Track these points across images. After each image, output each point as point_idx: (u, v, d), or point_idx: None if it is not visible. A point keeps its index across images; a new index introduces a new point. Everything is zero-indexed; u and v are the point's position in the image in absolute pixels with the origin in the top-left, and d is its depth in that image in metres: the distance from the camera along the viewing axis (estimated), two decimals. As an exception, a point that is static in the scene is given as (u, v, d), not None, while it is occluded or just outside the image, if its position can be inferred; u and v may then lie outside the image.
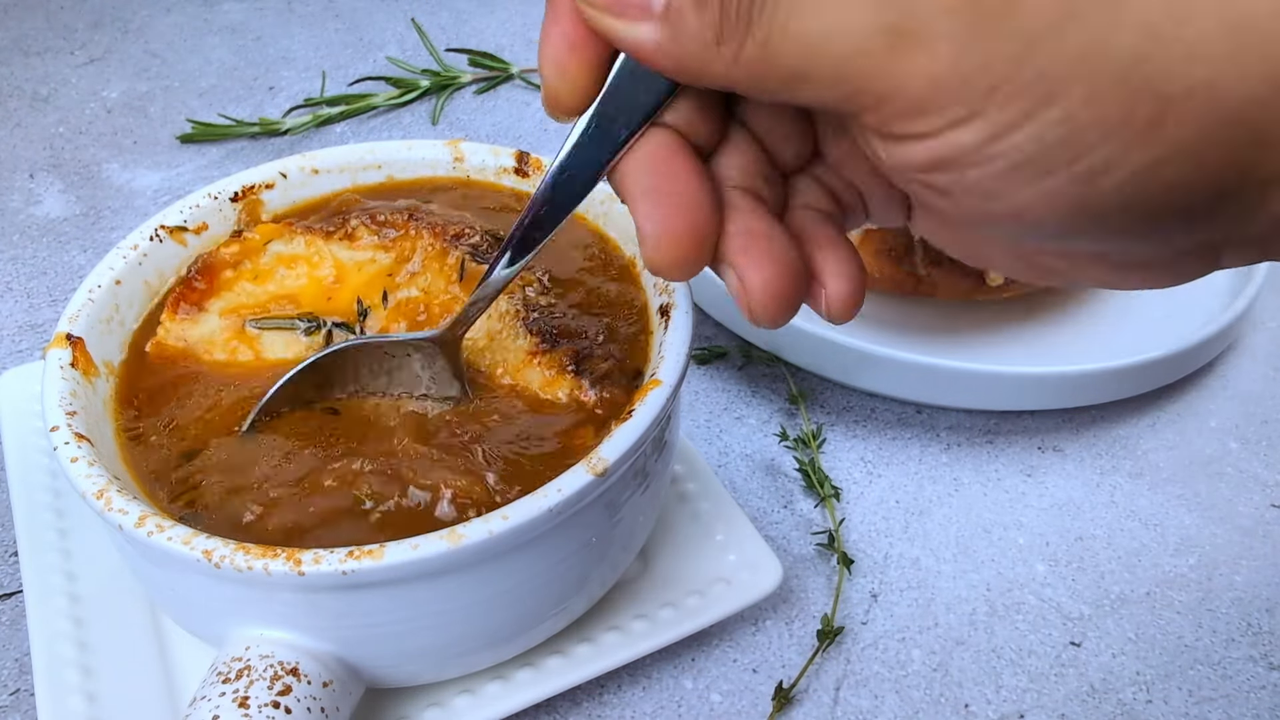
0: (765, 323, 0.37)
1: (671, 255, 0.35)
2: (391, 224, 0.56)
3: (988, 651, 0.58)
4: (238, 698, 0.42)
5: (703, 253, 0.36)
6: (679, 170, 0.36)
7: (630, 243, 0.58)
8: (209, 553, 0.42)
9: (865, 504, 0.65)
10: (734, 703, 0.55)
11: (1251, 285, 0.74)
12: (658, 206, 0.35)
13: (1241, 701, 0.56)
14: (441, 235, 0.55)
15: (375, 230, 0.56)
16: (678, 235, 0.35)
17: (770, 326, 0.37)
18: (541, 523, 0.44)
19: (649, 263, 0.36)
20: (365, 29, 1.11)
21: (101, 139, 0.95)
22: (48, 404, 0.48)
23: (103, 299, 0.54)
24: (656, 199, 0.35)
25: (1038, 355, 0.71)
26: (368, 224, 0.56)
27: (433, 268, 0.55)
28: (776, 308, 0.36)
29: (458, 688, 0.51)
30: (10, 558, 0.61)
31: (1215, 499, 0.66)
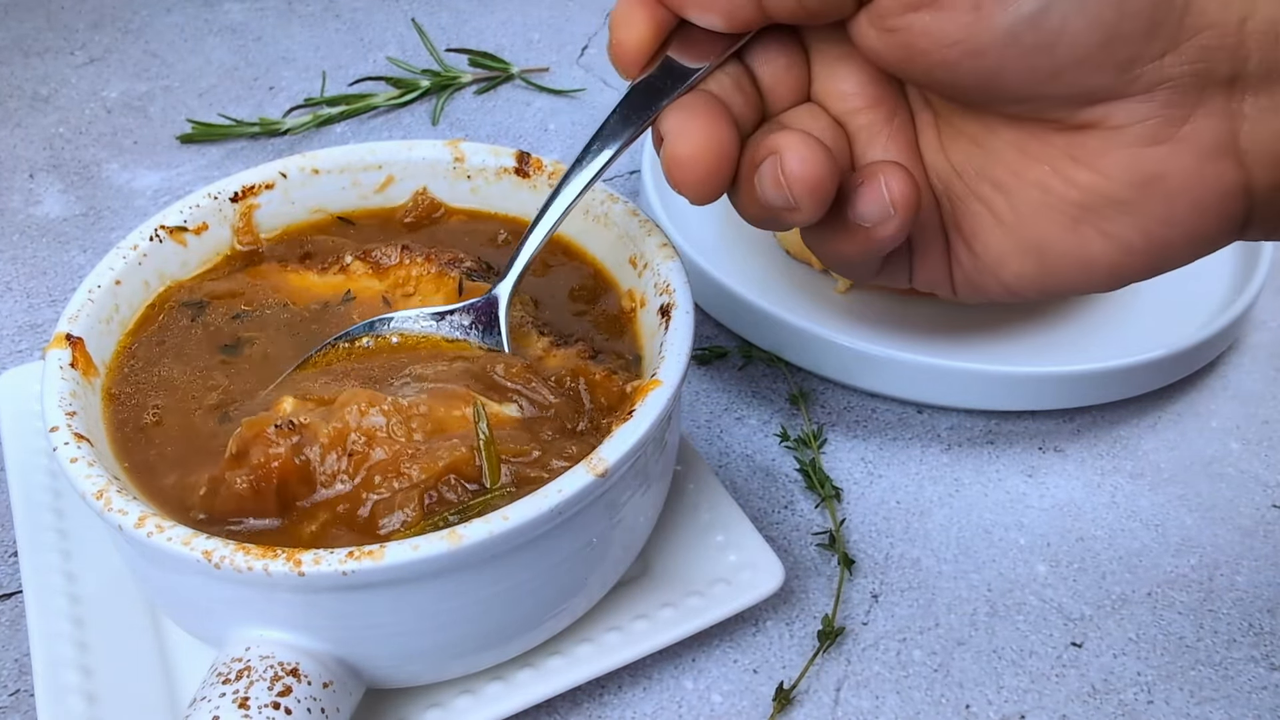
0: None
1: (694, 174, 0.42)
2: (385, 255, 0.57)
3: (989, 652, 0.58)
4: (238, 698, 0.42)
5: (722, 176, 0.43)
6: (709, 113, 0.42)
7: (618, 248, 0.58)
8: (209, 553, 0.42)
9: (866, 504, 0.65)
10: (734, 703, 0.55)
11: (1252, 285, 0.74)
12: (685, 136, 0.42)
13: (1243, 702, 0.56)
14: (436, 260, 0.57)
15: (369, 265, 0.57)
16: (700, 158, 0.42)
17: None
18: (542, 523, 0.44)
19: (675, 183, 0.43)
20: (365, 29, 1.11)
21: (101, 139, 0.95)
22: (47, 404, 0.48)
23: (103, 299, 0.54)
24: (685, 131, 0.42)
25: (1038, 355, 0.71)
26: (362, 259, 0.58)
27: (428, 288, 0.56)
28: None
29: (458, 688, 0.51)
30: (10, 558, 0.61)
31: (1216, 499, 0.66)
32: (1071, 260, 0.43)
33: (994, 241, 0.44)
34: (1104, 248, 0.42)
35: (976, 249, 0.45)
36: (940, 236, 0.46)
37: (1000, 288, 0.45)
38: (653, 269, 0.55)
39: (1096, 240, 0.42)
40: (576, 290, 0.59)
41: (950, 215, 0.45)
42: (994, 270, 0.45)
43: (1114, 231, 0.42)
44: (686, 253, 0.73)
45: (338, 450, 0.47)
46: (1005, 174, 0.43)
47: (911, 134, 0.46)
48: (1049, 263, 0.43)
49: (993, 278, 0.45)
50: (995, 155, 0.43)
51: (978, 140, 0.44)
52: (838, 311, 0.74)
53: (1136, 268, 0.43)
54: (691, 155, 0.42)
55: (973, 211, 0.45)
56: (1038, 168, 0.42)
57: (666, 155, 0.43)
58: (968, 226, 0.45)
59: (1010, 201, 0.43)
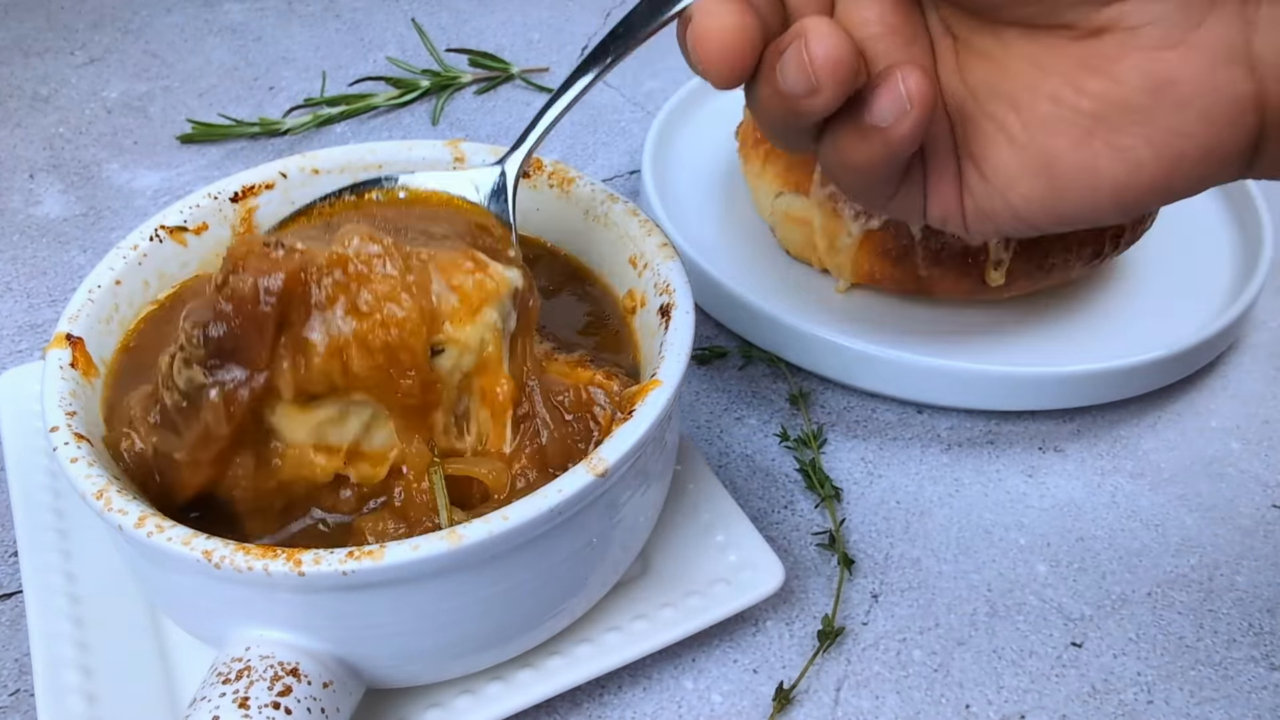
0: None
1: (719, 51, 0.43)
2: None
3: (989, 652, 0.58)
4: (238, 698, 0.42)
5: (745, 58, 0.43)
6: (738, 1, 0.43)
7: (618, 248, 0.58)
8: (209, 553, 0.42)
9: (866, 504, 0.65)
10: (734, 703, 0.55)
11: (1252, 285, 0.74)
12: (713, 14, 0.43)
13: (1243, 702, 0.56)
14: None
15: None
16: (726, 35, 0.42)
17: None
18: (542, 523, 0.44)
19: (698, 60, 0.44)
20: (365, 29, 1.11)
21: (101, 139, 0.95)
22: (47, 404, 0.48)
23: (103, 299, 0.54)
24: (714, 10, 0.43)
25: (1038, 355, 0.71)
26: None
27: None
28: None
29: (458, 688, 0.51)
30: (10, 558, 0.61)
31: (1217, 499, 0.66)
32: (1080, 178, 0.43)
33: (1004, 162, 0.45)
34: (1112, 163, 0.42)
35: (987, 171, 0.45)
36: (953, 161, 0.47)
37: (1009, 214, 0.46)
38: (653, 269, 0.56)
39: (1105, 155, 0.42)
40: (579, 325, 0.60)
41: (963, 138, 0.46)
42: (1003, 193, 0.45)
43: (1124, 144, 0.42)
44: (686, 253, 0.73)
45: (336, 274, 0.45)
46: (1019, 89, 0.44)
47: (929, 61, 0.46)
48: (1058, 181, 0.44)
49: (1002, 201, 0.46)
50: (1010, 72, 0.44)
51: (993, 58, 0.45)
52: (838, 311, 0.74)
53: (1144, 188, 0.43)
54: (718, 31, 0.43)
55: (985, 132, 0.45)
56: (1051, 80, 0.43)
57: (693, 32, 0.43)
58: (979, 148, 0.46)
59: (1022, 118, 0.44)
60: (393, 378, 0.46)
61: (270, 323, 0.44)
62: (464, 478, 0.49)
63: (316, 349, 0.45)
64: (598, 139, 0.96)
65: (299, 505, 0.49)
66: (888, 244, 0.69)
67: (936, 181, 0.47)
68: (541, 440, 0.50)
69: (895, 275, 0.71)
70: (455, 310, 0.47)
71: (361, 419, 0.48)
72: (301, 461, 0.48)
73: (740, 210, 0.82)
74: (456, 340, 0.47)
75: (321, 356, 0.45)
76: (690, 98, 0.89)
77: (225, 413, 0.45)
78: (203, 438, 0.46)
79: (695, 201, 0.83)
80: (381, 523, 0.48)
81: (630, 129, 0.97)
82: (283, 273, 0.44)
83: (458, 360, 0.47)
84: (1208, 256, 0.79)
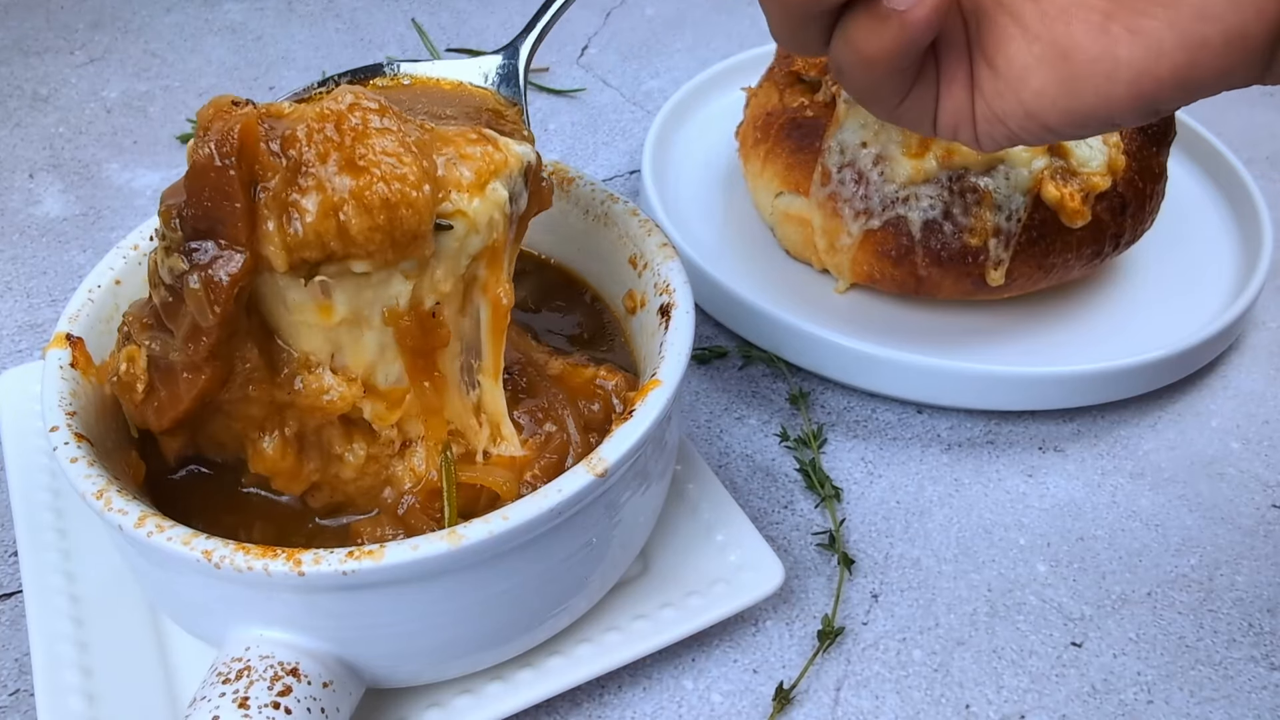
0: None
1: None
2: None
3: (989, 652, 0.58)
4: (238, 698, 0.42)
5: None
6: None
7: (618, 248, 0.58)
8: (209, 553, 0.42)
9: (866, 504, 0.65)
10: (734, 703, 0.55)
11: (1252, 285, 0.74)
12: None
13: (1243, 702, 0.56)
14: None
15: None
16: None
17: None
18: (541, 523, 0.44)
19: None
20: (365, 29, 1.11)
21: (101, 139, 0.95)
22: (47, 404, 0.48)
23: (103, 299, 0.54)
24: None
25: (1038, 355, 0.71)
26: None
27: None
28: None
29: (458, 688, 0.51)
30: (10, 558, 0.61)
31: (1217, 499, 0.66)
32: (1096, 68, 0.42)
33: (1018, 54, 0.44)
34: (1132, 49, 0.41)
35: (1000, 65, 0.44)
36: (965, 61, 0.46)
37: (1021, 112, 0.45)
38: (653, 269, 0.56)
39: (1125, 40, 0.41)
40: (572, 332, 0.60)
41: (977, 33, 0.45)
42: (1016, 89, 0.44)
43: (1145, 28, 0.41)
44: (686, 253, 0.73)
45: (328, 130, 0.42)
46: None
47: None
48: (1074, 71, 0.43)
49: (1015, 99, 0.44)
50: None
51: None
52: (838, 312, 0.74)
53: (1163, 78, 0.42)
54: None
55: (999, 25, 0.44)
56: None
57: None
58: (993, 43, 0.45)
59: (1040, 6, 0.43)
60: (396, 243, 0.42)
61: (235, 184, 0.41)
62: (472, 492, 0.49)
63: (307, 210, 0.41)
64: (598, 139, 0.96)
65: (311, 443, 0.48)
66: (887, 244, 0.69)
67: (948, 83, 0.46)
68: (568, 463, 0.49)
69: (895, 275, 0.71)
70: (462, 181, 0.44)
71: (377, 339, 0.46)
72: (319, 388, 0.46)
73: (740, 210, 0.82)
74: (464, 213, 0.44)
75: (315, 216, 0.41)
76: (690, 98, 0.89)
77: (208, 299, 0.42)
78: (192, 330, 0.43)
79: (695, 201, 0.83)
80: (380, 528, 0.48)
81: (630, 129, 0.97)
82: (237, 125, 0.41)
83: (464, 240, 0.45)
84: (1208, 256, 0.79)
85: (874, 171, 0.69)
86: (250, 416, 0.47)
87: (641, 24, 1.11)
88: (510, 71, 0.51)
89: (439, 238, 0.44)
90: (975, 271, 0.69)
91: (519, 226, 0.47)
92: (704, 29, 1.11)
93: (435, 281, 0.45)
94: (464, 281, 0.46)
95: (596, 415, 0.52)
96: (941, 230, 0.68)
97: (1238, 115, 0.99)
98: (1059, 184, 0.68)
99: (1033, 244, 0.69)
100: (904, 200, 0.68)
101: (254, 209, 0.42)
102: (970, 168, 0.68)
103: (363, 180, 0.41)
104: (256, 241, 0.42)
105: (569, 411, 0.51)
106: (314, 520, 0.50)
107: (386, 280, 0.44)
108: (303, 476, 0.48)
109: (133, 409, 0.47)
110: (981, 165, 0.68)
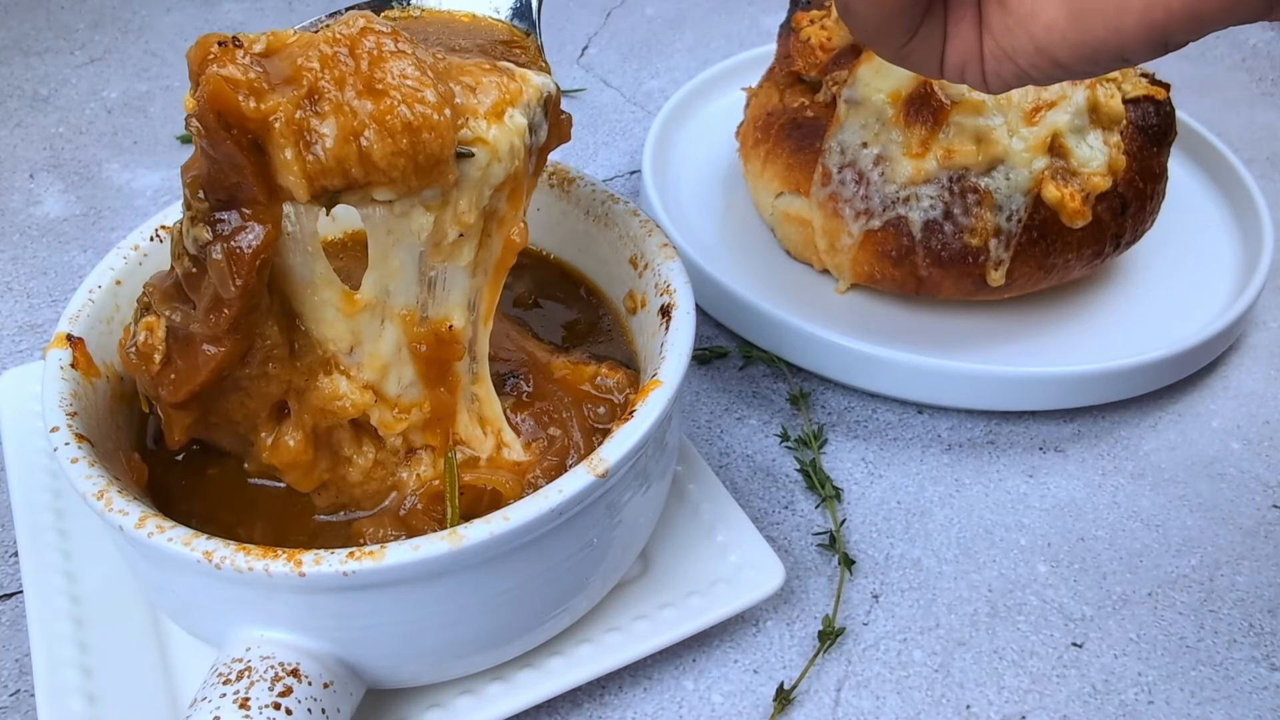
0: None
1: None
2: None
3: (989, 652, 0.58)
4: (238, 699, 0.42)
5: None
6: None
7: (618, 248, 0.58)
8: (209, 553, 0.42)
9: (866, 505, 0.65)
10: (735, 703, 0.55)
11: (1252, 285, 0.74)
12: None
13: (1243, 702, 0.56)
14: None
15: None
16: None
17: None
18: (542, 523, 0.44)
19: None
20: (365, 29, 1.11)
21: (101, 139, 0.94)
22: (48, 404, 0.48)
23: (103, 299, 0.54)
24: None
25: (1038, 355, 0.71)
26: None
27: None
28: None
29: (459, 688, 0.51)
30: (10, 558, 0.61)
31: (1217, 500, 0.66)
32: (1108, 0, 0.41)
33: None
34: None
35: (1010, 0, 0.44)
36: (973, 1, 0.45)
37: (1030, 49, 0.44)
38: (653, 269, 0.55)
39: None
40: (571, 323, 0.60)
41: None
42: (1026, 24, 0.43)
43: None
44: (686, 253, 0.73)
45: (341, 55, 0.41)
46: None
47: None
48: (1084, 5, 0.42)
49: (1024, 35, 0.44)
50: None
51: None
52: (838, 312, 0.74)
53: (1174, 9, 0.41)
54: None
55: None
56: None
57: None
58: None
59: None
60: (420, 168, 0.41)
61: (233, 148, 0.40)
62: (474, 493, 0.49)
63: (326, 135, 0.40)
64: (598, 139, 0.96)
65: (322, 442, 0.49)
66: (888, 244, 0.69)
67: (956, 21, 0.45)
68: (567, 465, 0.50)
69: (895, 275, 0.71)
70: (479, 109, 0.43)
71: (396, 337, 0.47)
72: (333, 393, 0.47)
73: (740, 210, 0.82)
74: (484, 140, 0.43)
75: (335, 140, 0.40)
76: (690, 98, 0.89)
77: (230, 270, 0.42)
78: (214, 301, 0.43)
79: (695, 201, 0.83)
80: (381, 529, 0.48)
81: (630, 129, 0.97)
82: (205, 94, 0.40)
83: (487, 169, 0.44)
84: (1208, 256, 0.79)
85: (874, 172, 0.69)
86: (267, 394, 0.47)
87: (641, 24, 1.11)
88: (523, 4, 0.50)
89: (461, 165, 0.43)
90: (976, 272, 0.69)
91: (539, 159, 0.47)
92: (704, 29, 1.11)
93: (459, 213, 0.44)
94: (484, 216, 0.45)
95: (602, 418, 0.52)
96: (942, 230, 0.68)
97: (1238, 115, 1.00)
98: (1059, 184, 0.68)
99: (1033, 244, 0.69)
100: (904, 200, 0.68)
101: (264, 165, 0.41)
102: (971, 168, 0.68)
103: (383, 104, 0.41)
104: (274, 177, 0.41)
105: (574, 415, 0.51)
106: (316, 516, 0.50)
107: (408, 213, 0.43)
108: (315, 475, 0.49)
109: (148, 380, 0.47)
110: (982, 166, 0.68)
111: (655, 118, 0.86)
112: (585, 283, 0.61)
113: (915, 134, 0.68)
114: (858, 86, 0.70)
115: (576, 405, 0.52)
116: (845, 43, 0.74)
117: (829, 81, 0.74)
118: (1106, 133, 0.70)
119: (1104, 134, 0.70)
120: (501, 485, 0.48)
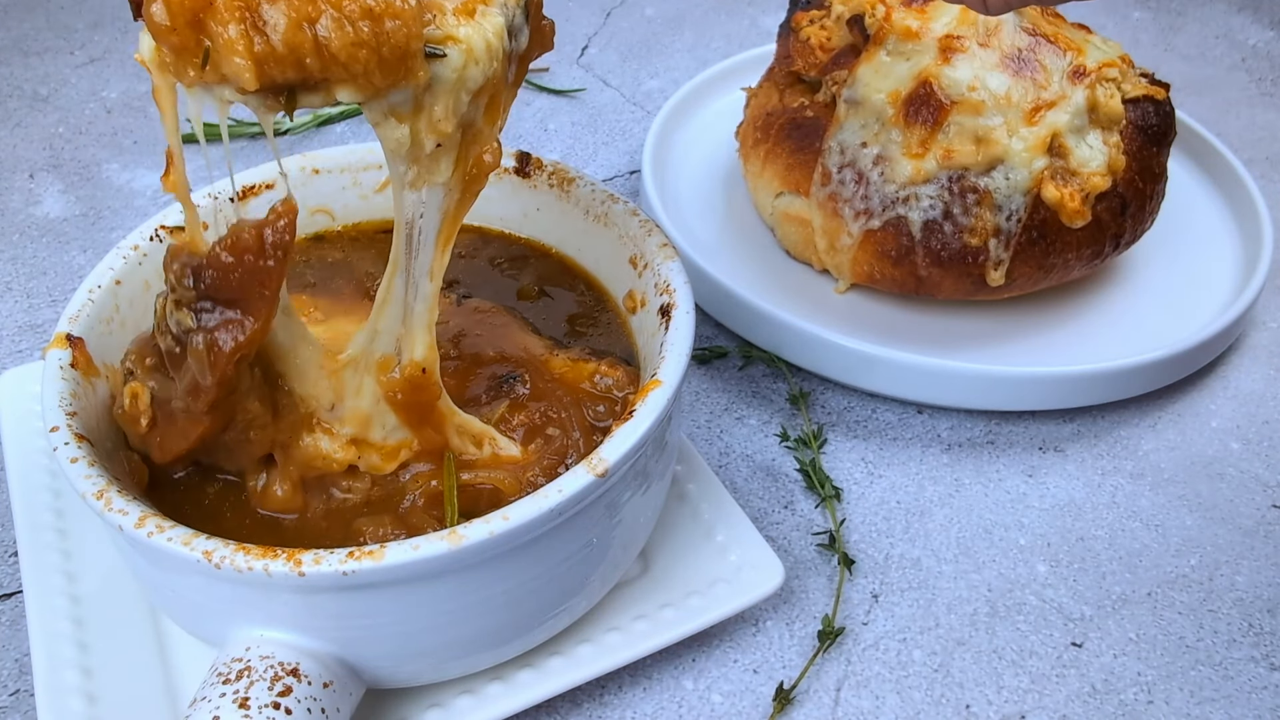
0: None
1: None
2: None
3: (989, 652, 0.58)
4: (238, 698, 0.42)
5: None
6: None
7: (618, 248, 0.58)
8: (209, 553, 0.42)
9: (866, 504, 0.65)
10: (735, 703, 0.55)
11: (1252, 285, 0.74)
12: None
13: (1243, 702, 0.56)
14: None
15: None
16: None
17: None
18: (542, 523, 0.44)
19: None
20: (365, 29, 1.11)
21: (101, 139, 0.95)
22: (47, 404, 0.48)
23: (103, 299, 0.54)
24: None
25: (1038, 355, 0.71)
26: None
27: None
28: None
29: (458, 688, 0.51)
30: (10, 558, 0.61)
31: (1217, 499, 0.66)
32: None
33: None
34: None
35: None
36: None
37: None
38: (653, 269, 0.56)
39: None
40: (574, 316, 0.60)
41: None
42: None
43: None
44: (686, 253, 0.73)
45: None
46: None
47: None
48: None
49: None
50: None
51: None
52: (838, 312, 0.74)
53: None
54: None
55: None
56: None
57: None
58: None
59: None
60: (384, 62, 0.38)
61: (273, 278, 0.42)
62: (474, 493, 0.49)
63: (275, 20, 0.36)
64: (598, 139, 0.96)
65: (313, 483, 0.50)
66: (887, 244, 0.69)
67: None
68: (566, 464, 0.50)
69: (895, 275, 0.71)
70: (445, 4, 0.40)
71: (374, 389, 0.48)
72: (317, 452, 0.48)
73: (740, 210, 0.82)
74: (454, 38, 0.39)
75: (286, 25, 0.37)
76: (690, 98, 0.89)
77: (209, 362, 0.43)
78: (193, 384, 0.44)
79: (695, 201, 0.83)
80: (381, 527, 0.48)
81: (630, 129, 0.97)
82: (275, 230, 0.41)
83: (463, 71, 0.40)
84: (1208, 256, 0.79)
85: (874, 171, 0.69)
86: (251, 454, 0.48)
87: (641, 24, 1.11)
88: None
89: (433, 66, 0.39)
90: (975, 271, 0.69)
91: (519, 67, 0.44)
92: (704, 29, 1.11)
93: (435, 120, 0.41)
94: (462, 127, 0.43)
95: (601, 416, 0.52)
96: (942, 230, 0.68)
97: (1238, 116, 1.00)
98: (1059, 184, 0.68)
99: (1033, 244, 0.69)
100: (904, 200, 0.68)
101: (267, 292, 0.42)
102: (970, 168, 0.68)
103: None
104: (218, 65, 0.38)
105: (573, 414, 0.51)
106: None
107: (381, 123, 0.41)
108: (310, 512, 0.50)
109: (137, 440, 0.49)
110: (982, 165, 0.68)
111: (655, 118, 0.86)
112: (586, 279, 0.61)
113: (915, 134, 0.68)
114: (857, 86, 0.70)
115: (575, 404, 0.52)
116: (845, 43, 0.74)
117: (829, 81, 0.74)
118: (1106, 133, 0.70)
119: (1103, 134, 0.70)
120: (500, 483, 0.48)
